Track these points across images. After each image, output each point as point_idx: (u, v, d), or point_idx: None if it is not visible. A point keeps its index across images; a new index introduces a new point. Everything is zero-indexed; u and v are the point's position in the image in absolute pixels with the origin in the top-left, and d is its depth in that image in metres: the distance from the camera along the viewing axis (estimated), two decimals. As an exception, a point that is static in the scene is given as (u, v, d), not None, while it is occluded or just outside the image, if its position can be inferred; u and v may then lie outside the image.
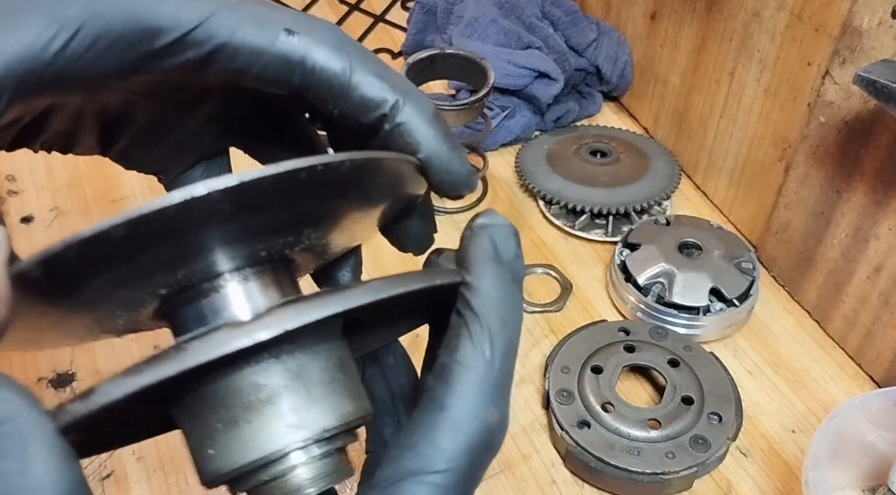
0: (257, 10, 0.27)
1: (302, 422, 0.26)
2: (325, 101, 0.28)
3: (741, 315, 0.66)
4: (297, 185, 0.24)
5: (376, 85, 0.28)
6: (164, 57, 0.27)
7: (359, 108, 0.28)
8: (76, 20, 0.25)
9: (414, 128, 0.29)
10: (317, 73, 0.28)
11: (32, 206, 0.76)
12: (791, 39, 0.63)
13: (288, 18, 0.28)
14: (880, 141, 0.57)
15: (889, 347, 0.61)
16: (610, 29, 0.84)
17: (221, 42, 0.27)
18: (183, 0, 0.26)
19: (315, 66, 0.28)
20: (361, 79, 0.28)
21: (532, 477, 0.58)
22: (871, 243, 0.60)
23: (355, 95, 0.28)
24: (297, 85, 0.28)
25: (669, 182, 0.76)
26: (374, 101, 0.28)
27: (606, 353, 0.62)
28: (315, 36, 0.28)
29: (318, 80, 0.28)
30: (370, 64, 0.28)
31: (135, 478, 0.58)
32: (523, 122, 0.81)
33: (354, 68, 0.28)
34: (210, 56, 0.27)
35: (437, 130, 0.29)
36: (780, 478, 0.58)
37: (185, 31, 0.26)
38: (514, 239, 0.27)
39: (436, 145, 0.29)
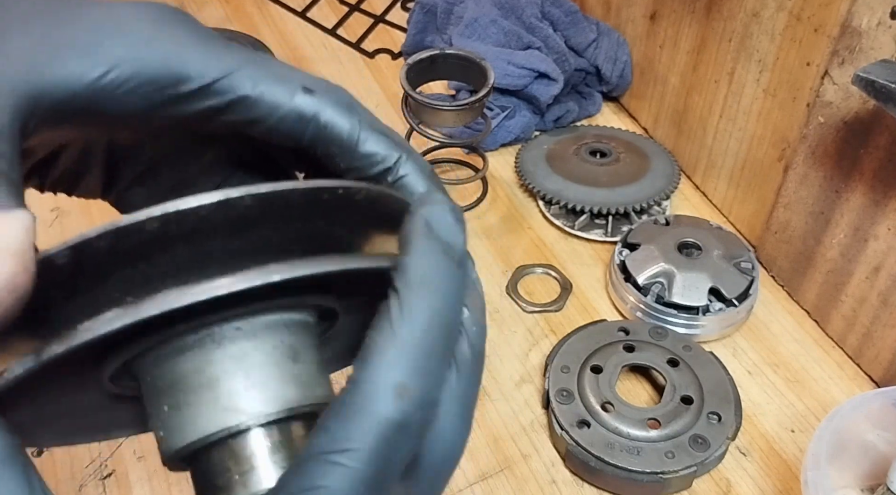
0: (279, 68, 0.30)
1: (236, 406, 0.26)
2: (332, 155, 0.31)
3: (740, 315, 0.66)
4: (320, 203, 0.26)
5: (382, 142, 0.31)
6: (188, 102, 0.29)
7: (364, 162, 0.31)
8: (114, 57, 0.27)
9: (414, 182, 0.31)
10: (328, 128, 0.30)
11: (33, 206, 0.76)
12: (790, 40, 0.63)
13: (305, 78, 0.30)
14: (879, 141, 0.57)
15: (888, 347, 0.61)
16: (610, 29, 0.85)
17: (244, 94, 0.29)
18: (212, 54, 0.29)
19: (327, 123, 0.30)
20: (369, 136, 0.31)
21: (532, 476, 0.59)
22: (870, 243, 0.60)
23: (362, 151, 0.31)
24: (309, 138, 0.30)
25: (669, 182, 0.76)
26: (379, 155, 0.31)
27: (606, 353, 0.62)
28: (329, 96, 0.30)
29: (328, 135, 0.30)
30: (375, 123, 0.31)
31: (136, 478, 0.58)
32: (523, 122, 0.81)
33: (363, 127, 0.31)
34: (230, 105, 0.29)
35: (434, 184, 0.32)
36: (780, 478, 0.58)
37: (210, 81, 0.28)
38: (450, 213, 0.27)
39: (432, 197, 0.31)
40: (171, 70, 0.28)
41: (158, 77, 0.28)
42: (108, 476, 0.58)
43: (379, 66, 0.94)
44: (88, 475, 0.58)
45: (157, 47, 0.28)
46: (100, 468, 0.58)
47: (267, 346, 0.27)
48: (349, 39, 0.97)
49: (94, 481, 0.58)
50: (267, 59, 0.30)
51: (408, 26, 0.92)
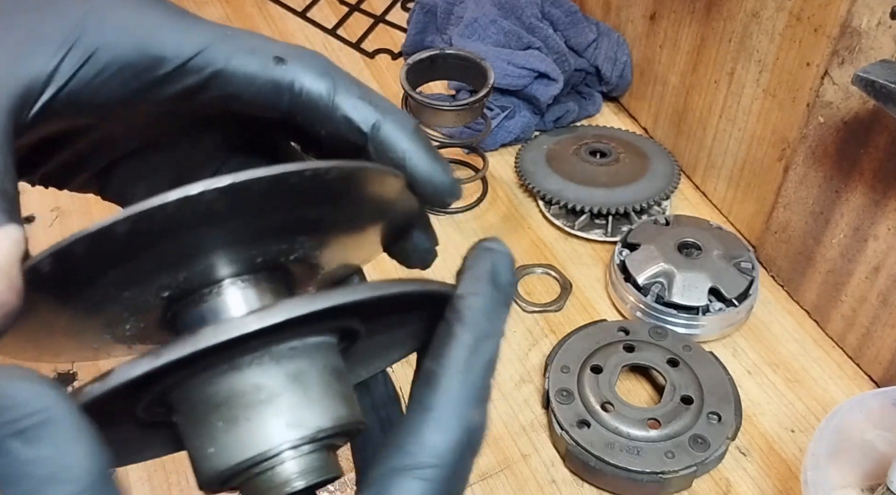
0: (250, 40, 0.30)
1: (299, 421, 0.27)
2: (311, 123, 0.31)
3: (740, 315, 0.66)
4: (286, 189, 0.25)
5: (360, 104, 0.31)
6: (165, 83, 0.29)
7: (343, 126, 0.31)
8: (90, 48, 0.27)
9: (396, 142, 0.31)
10: (304, 95, 0.30)
11: (34, 207, 0.76)
12: (790, 40, 0.63)
13: (278, 47, 0.30)
14: (879, 141, 0.57)
15: (888, 347, 0.61)
16: (609, 29, 0.85)
17: (217, 69, 0.29)
18: (184, 31, 0.29)
19: (302, 89, 0.30)
20: (345, 99, 0.30)
21: (532, 476, 0.59)
22: (869, 243, 0.60)
23: (339, 115, 0.30)
24: (286, 108, 0.30)
25: (669, 182, 0.76)
26: (356, 119, 0.31)
27: (606, 353, 0.62)
28: (302, 62, 0.30)
29: (304, 102, 0.30)
30: (353, 86, 0.31)
31: (136, 478, 0.58)
32: (523, 122, 0.81)
33: (338, 90, 0.30)
34: (207, 82, 0.29)
35: (418, 144, 0.31)
36: (780, 478, 0.58)
37: (185, 60, 0.29)
38: (512, 267, 0.28)
39: (418, 157, 0.31)
40: (146, 53, 0.28)
41: (135, 61, 0.28)
42: (108, 476, 0.58)
43: (379, 66, 0.94)
44: (88, 475, 0.58)
45: (132, 32, 0.28)
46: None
47: (319, 365, 0.28)
48: (349, 39, 0.97)
49: (94, 481, 0.58)
50: (239, 31, 0.30)
51: (408, 26, 0.92)
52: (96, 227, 0.23)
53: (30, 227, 0.75)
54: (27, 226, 0.75)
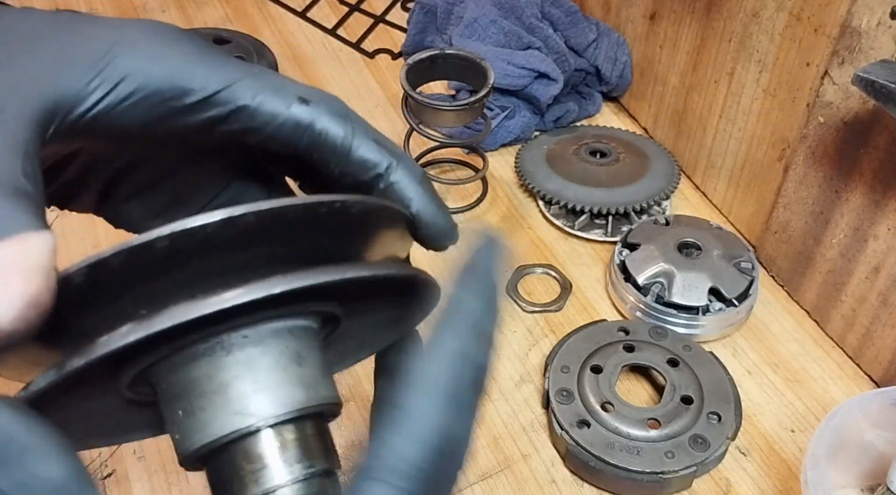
0: (276, 79, 0.32)
1: (246, 409, 0.28)
2: (327, 162, 0.32)
3: (740, 315, 0.66)
4: (314, 218, 0.27)
5: (375, 149, 0.32)
6: (189, 113, 0.30)
7: (357, 167, 0.32)
8: (121, 72, 0.28)
9: (406, 186, 0.33)
10: (322, 136, 0.32)
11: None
12: (790, 40, 0.63)
13: (301, 89, 0.32)
14: (879, 141, 0.57)
15: (888, 347, 0.61)
16: (609, 29, 0.85)
17: (243, 104, 0.30)
18: (213, 67, 0.30)
19: (322, 130, 0.31)
20: (362, 143, 0.32)
21: (532, 476, 0.59)
22: (869, 243, 0.60)
23: (355, 157, 0.32)
24: (305, 146, 0.32)
25: (669, 182, 0.76)
26: (371, 161, 0.32)
27: (606, 353, 0.62)
28: (325, 105, 0.32)
29: (322, 142, 0.32)
30: (369, 131, 0.33)
31: (136, 477, 0.58)
32: (523, 122, 0.81)
33: (356, 133, 0.32)
34: (231, 115, 0.30)
35: (425, 189, 0.33)
36: (780, 478, 0.58)
37: (212, 92, 0.30)
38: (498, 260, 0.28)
39: (424, 201, 0.33)
40: (175, 83, 0.29)
41: (163, 90, 0.29)
42: (109, 476, 0.58)
43: (379, 66, 0.94)
44: (88, 475, 0.58)
45: (162, 62, 0.29)
46: (100, 468, 0.58)
47: (273, 351, 0.28)
48: (349, 39, 0.97)
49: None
50: (265, 71, 0.32)
51: (408, 26, 0.92)
52: (137, 242, 0.24)
53: (30, 227, 0.74)
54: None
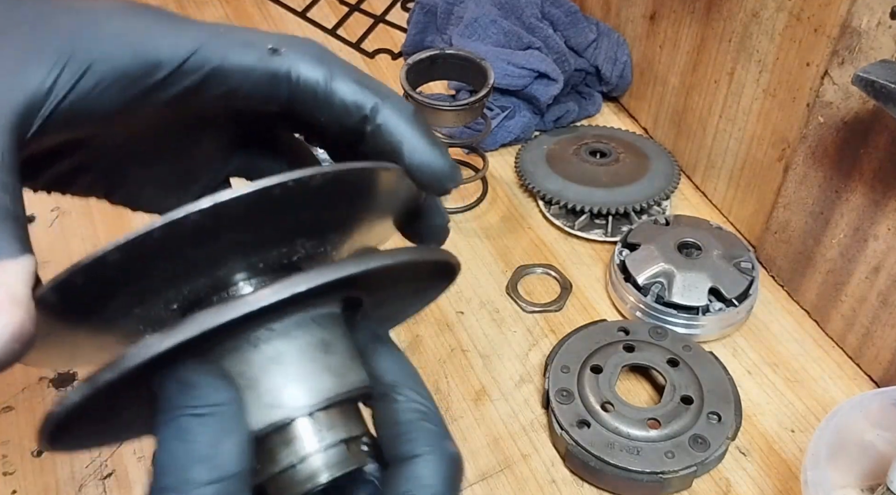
0: (243, 34, 0.30)
1: (279, 402, 0.28)
2: (310, 111, 0.31)
3: (740, 315, 0.66)
4: (271, 202, 0.26)
5: (356, 89, 0.31)
6: (164, 87, 0.29)
7: (341, 113, 0.31)
8: (86, 60, 0.27)
9: (394, 127, 0.31)
10: (301, 83, 0.30)
11: (34, 207, 0.76)
12: (790, 40, 0.63)
13: (272, 39, 0.30)
14: (879, 141, 0.57)
15: (888, 347, 0.61)
16: (609, 29, 0.85)
17: (214, 66, 0.29)
18: (177, 34, 0.29)
19: (299, 78, 0.30)
20: (341, 85, 0.30)
21: (532, 476, 0.59)
22: (869, 243, 0.60)
23: (337, 101, 0.30)
24: (285, 98, 0.30)
25: (669, 182, 0.76)
26: (354, 104, 0.30)
27: (606, 353, 0.62)
28: (297, 51, 0.30)
29: (302, 90, 0.30)
30: (350, 72, 0.31)
31: (136, 477, 0.58)
32: (523, 122, 0.81)
33: (334, 76, 0.30)
34: (205, 81, 0.29)
35: (416, 129, 0.31)
36: (780, 478, 0.58)
37: (181, 61, 0.29)
38: None
39: (415, 142, 0.31)
40: (142, 59, 0.28)
41: (132, 69, 0.28)
42: (108, 476, 0.58)
43: (379, 66, 0.94)
44: (88, 475, 0.58)
45: (125, 40, 0.28)
46: (100, 468, 0.58)
47: (299, 343, 0.28)
48: (349, 39, 0.97)
49: (94, 481, 0.58)
50: (231, 27, 0.30)
51: (408, 26, 0.92)
52: (88, 259, 0.24)
53: (30, 227, 0.74)
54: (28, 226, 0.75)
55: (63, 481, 0.58)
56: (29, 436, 0.60)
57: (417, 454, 0.28)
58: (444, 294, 0.36)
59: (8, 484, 0.57)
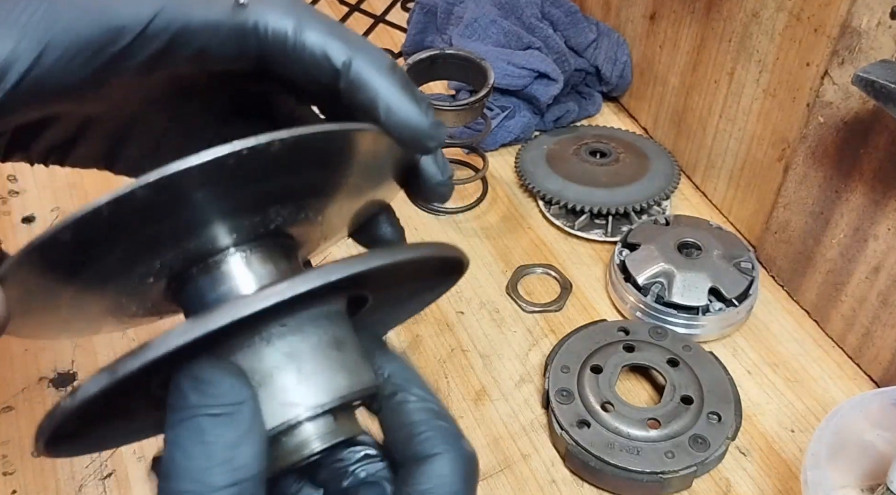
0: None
1: (293, 400, 0.27)
2: (283, 66, 0.29)
3: (740, 315, 0.66)
4: (228, 171, 0.25)
5: (327, 41, 0.29)
6: (130, 54, 0.28)
7: (312, 66, 0.29)
8: (46, 33, 0.26)
9: (368, 80, 0.29)
10: (269, 35, 0.29)
11: (34, 206, 0.76)
12: (790, 40, 0.63)
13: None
14: (879, 141, 0.57)
15: (888, 347, 0.61)
16: (609, 29, 0.85)
17: (179, 26, 0.28)
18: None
19: (267, 29, 0.29)
20: (311, 36, 0.29)
21: (532, 476, 0.59)
22: (869, 243, 0.60)
23: (307, 54, 0.29)
24: (255, 53, 0.29)
25: (669, 182, 0.76)
26: (325, 56, 0.29)
27: (606, 353, 0.62)
28: (264, 2, 0.29)
29: (271, 43, 0.29)
30: (321, 22, 0.29)
31: (136, 478, 0.58)
32: (523, 122, 0.81)
33: (304, 26, 0.29)
34: (171, 43, 0.28)
35: (392, 81, 0.29)
36: (780, 478, 0.58)
37: (144, 24, 0.27)
38: None
39: (391, 96, 0.29)
40: (105, 26, 0.27)
41: (95, 38, 0.27)
42: (108, 476, 0.58)
43: (379, 66, 0.93)
44: (88, 475, 0.58)
45: (85, 8, 0.27)
46: (100, 468, 0.58)
47: (313, 339, 0.28)
48: (349, 39, 0.97)
49: (94, 481, 0.58)
50: None
51: (408, 26, 0.92)
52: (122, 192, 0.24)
53: (31, 227, 0.75)
54: (28, 225, 0.75)
55: (63, 481, 0.58)
56: (29, 436, 0.60)
57: (436, 453, 0.28)
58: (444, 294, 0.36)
59: (8, 484, 0.57)
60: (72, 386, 0.63)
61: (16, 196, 0.77)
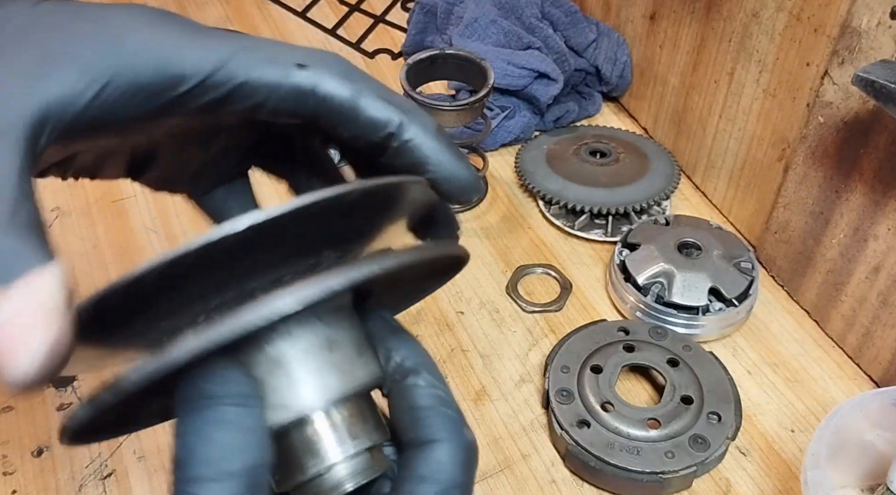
0: (271, 48, 0.30)
1: (283, 404, 0.28)
2: (335, 126, 0.31)
3: (740, 315, 0.66)
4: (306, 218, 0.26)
5: (382, 107, 0.31)
6: (187, 100, 0.29)
7: (367, 128, 0.31)
8: (107, 72, 0.27)
9: (420, 143, 0.31)
10: (327, 100, 0.30)
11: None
12: (790, 40, 0.63)
13: (298, 54, 0.30)
14: (879, 141, 0.57)
15: (888, 347, 0.61)
16: (609, 29, 0.85)
17: (240, 82, 0.29)
18: (203, 48, 0.28)
19: (326, 95, 0.30)
20: (369, 102, 0.30)
21: (532, 476, 0.59)
22: (869, 243, 0.60)
23: (363, 118, 0.31)
24: (311, 113, 0.30)
25: (669, 182, 0.76)
26: (381, 121, 0.31)
27: (606, 353, 0.62)
28: (324, 67, 0.30)
29: (328, 106, 0.30)
30: (376, 88, 0.31)
31: (136, 477, 0.58)
32: (523, 122, 0.81)
33: (362, 93, 0.30)
34: (229, 95, 0.29)
35: (441, 143, 0.32)
36: (779, 478, 0.58)
37: (205, 76, 0.28)
38: None
39: (442, 156, 0.31)
40: (166, 73, 0.28)
41: (154, 82, 0.28)
42: (108, 476, 0.58)
43: (379, 66, 0.94)
44: (88, 475, 0.58)
45: (149, 52, 0.28)
46: (100, 468, 0.58)
47: (302, 343, 0.28)
48: (349, 39, 0.97)
49: (94, 481, 0.58)
50: (257, 41, 0.30)
51: (408, 26, 0.92)
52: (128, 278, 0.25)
53: (30, 227, 0.74)
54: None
55: (63, 481, 0.58)
56: (29, 436, 0.60)
57: (436, 439, 0.28)
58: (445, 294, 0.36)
59: (8, 484, 0.57)
60: (71, 386, 0.63)
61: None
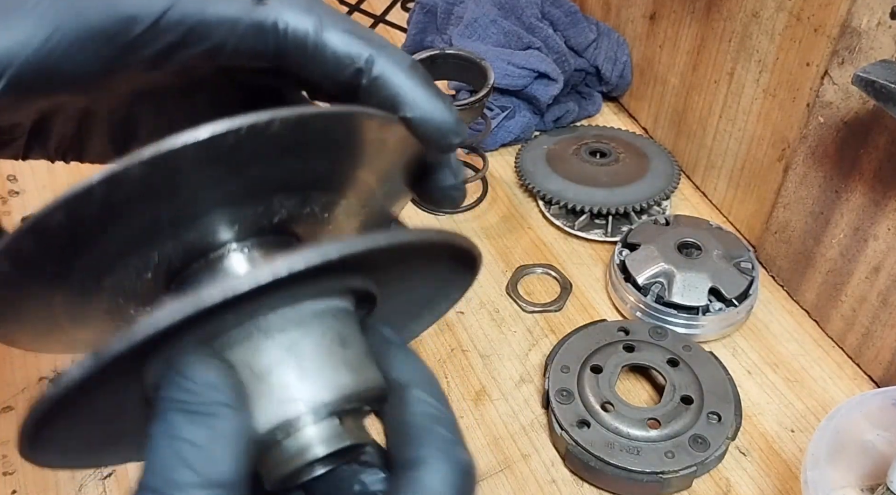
0: None
1: (292, 396, 0.25)
2: (301, 65, 0.29)
3: (740, 315, 0.66)
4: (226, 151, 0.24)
5: (348, 40, 0.28)
6: (142, 45, 0.27)
7: (333, 66, 0.29)
8: (54, 19, 0.25)
9: (390, 79, 0.29)
10: (289, 35, 0.28)
11: (34, 206, 0.76)
12: (790, 40, 0.63)
13: None
14: (879, 141, 0.57)
15: (888, 347, 0.61)
16: (609, 29, 0.85)
17: (195, 20, 0.27)
18: None
19: (287, 28, 0.28)
20: (332, 36, 0.28)
21: (532, 476, 0.59)
22: (869, 243, 0.60)
23: (328, 53, 0.28)
24: (273, 51, 0.28)
25: (669, 182, 0.76)
26: (347, 56, 0.28)
27: (606, 353, 0.62)
28: (284, 1, 0.28)
29: (291, 42, 0.28)
30: (341, 21, 0.29)
31: (136, 478, 0.58)
32: (523, 122, 0.81)
33: (325, 26, 0.28)
34: (186, 37, 0.27)
35: (416, 79, 0.29)
36: (779, 478, 0.58)
37: (157, 15, 0.27)
38: None
39: (416, 93, 0.29)
40: (115, 15, 0.26)
41: (104, 27, 0.26)
42: (108, 476, 0.58)
43: (379, 66, 0.93)
44: (88, 475, 0.58)
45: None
46: (100, 468, 0.58)
47: (316, 334, 0.26)
48: (349, 39, 0.97)
49: (94, 481, 0.58)
50: None
51: (408, 26, 0.92)
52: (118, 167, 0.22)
53: (30, 227, 0.74)
54: (27, 226, 0.75)
55: (63, 481, 0.58)
56: (29, 436, 0.60)
57: (425, 460, 0.26)
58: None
59: (8, 484, 0.57)
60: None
61: (16, 196, 0.77)
